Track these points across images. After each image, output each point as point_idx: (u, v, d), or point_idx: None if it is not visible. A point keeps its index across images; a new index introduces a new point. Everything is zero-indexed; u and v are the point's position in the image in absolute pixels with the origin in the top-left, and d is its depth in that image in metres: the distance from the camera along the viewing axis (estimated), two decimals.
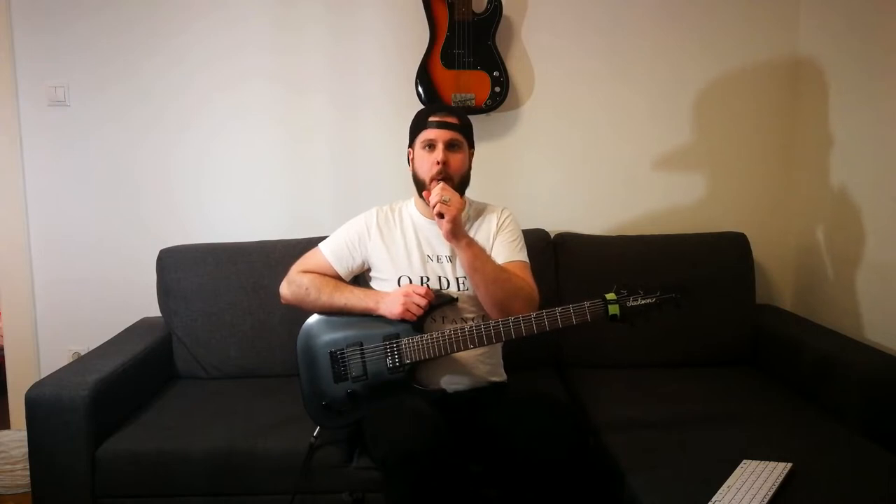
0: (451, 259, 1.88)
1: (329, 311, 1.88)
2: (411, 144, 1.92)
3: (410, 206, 1.98)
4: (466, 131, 1.89)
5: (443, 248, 1.90)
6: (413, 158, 1.90)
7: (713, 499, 1.42)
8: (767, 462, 1.55)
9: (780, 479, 1.48)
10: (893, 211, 2.11)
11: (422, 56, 2.47)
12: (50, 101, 2.57)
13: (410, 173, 1.92)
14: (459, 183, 1.85)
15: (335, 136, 2.62)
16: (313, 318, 1.91)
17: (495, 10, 2.45)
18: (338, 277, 1.94)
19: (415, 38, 2.50)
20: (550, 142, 2.62)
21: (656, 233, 2.49)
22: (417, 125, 1.89)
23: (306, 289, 1.89)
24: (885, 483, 1.54)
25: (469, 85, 2.46)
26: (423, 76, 2.47)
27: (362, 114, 2.61)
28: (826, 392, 1.99)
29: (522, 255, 1.92)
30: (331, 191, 2.64)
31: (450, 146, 1.83)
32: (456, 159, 1.84)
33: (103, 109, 2.59)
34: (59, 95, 2.57)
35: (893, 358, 1.97)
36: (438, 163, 1.81)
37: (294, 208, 2.64)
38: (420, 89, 2.48)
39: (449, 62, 2.45)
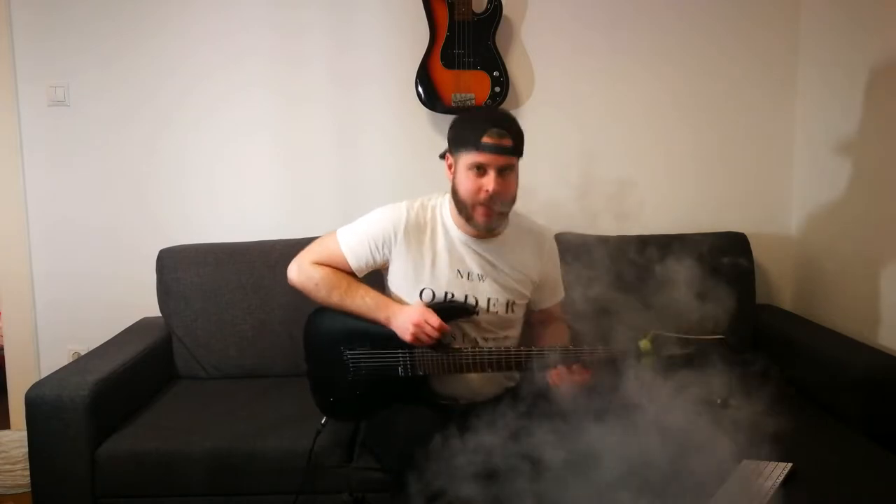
0: (482, 278, 1.77)
1: (337, 311, 1.78)
2: (453, 152, 1.73)
3: (445, 212, 1.80)
4: (520, 148, 1.71)
5: (474, 265, 1.78)
6: (454, 170, 1.73)
7: (713, 499, 1.42)
8: (767, 462, 1.55)
9: (780, 479, 1.48)
10: (893, 211, 2.11)
11: (421, 56, 2.47)
12: (50, 102, 2.57)
13: (449, 182, 1.76)
14: (509, 205, 1.72)
15: (335, 135, 2.62)
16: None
17: (495, 10, 2.45)
18: (351, 273, 1.80)
19: (414, 37, 2.50)
20: (550, 141, 2.62)
21: (656, 233, 2.48)
22: (465, 140, 1.68)
23: (316, 284, 1.77)
24: (885, 483, 1.54)
25: (469, 85, 2.46)
26: (423, 76, 2.47)
27: (362, 113, 2.60)
28: (826, 392, 1.99)
29: (562, 291, 1.92)
30: (331, 190, 2.63)
31: (501, 171, 1.66)
32: (507, 185, 1.68)
33: (103, 109, 2.59)
34: (59, 95, 2.57)
35: (893, 358, 1.97)
36: (487, 191, 1.65)
37: (294, 208, 2.64)
38: (420, 89, 2.47)
39: (449, 62, 2.45)
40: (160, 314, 2.44)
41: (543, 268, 1.86)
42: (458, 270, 1.77)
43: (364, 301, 1.74)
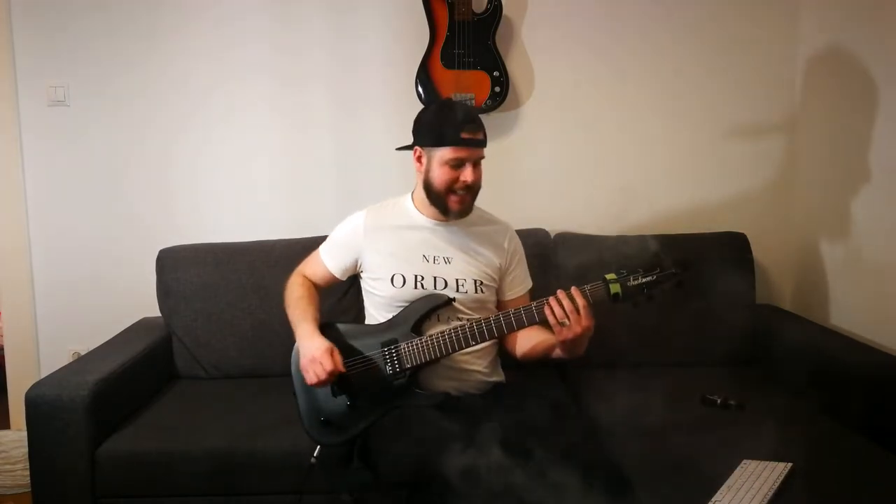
0: (448, 261, 1.86)
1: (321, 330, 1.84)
2: (423, 144, 1.81)
3: (407, 203, 1.93)
4: (486, 140, 1.81)
5: (442, 248, 1.87)
6: (427, 163, 1.80)
7: (713, 499, 1.42)
8: (767, 462, 1.55)
9: (780, 479, 1.48)
10: (893, 211, 2.11)
11: (421, 56, 2.47)
12: (50, 101, 2.57)
13: (420, 174, 1.84)
14: (478, 191, 1.83)
15: (335, 135, 2.62)
16: None
17: (495, 10, 2.45)
18: (333, 278, 1.96)
19: (415, 38, 2.50)
20: (550, 142, 2.63)
21: (656, 233, 2.48)
22: (442, 136, 1.75)
23: (287, 290, 1.95)
24: (885, 483, 1.54)
25: (469, 85, 2.46)
26: (423, 76, 2.47)
27: (362, 114, 2.61)
28: (826, 392, 1.99)
29: (529, 281, 2.02)
30: (331, 190, 2.64)
31: (476, 162, 1.78)
32: (479, 174, 1.81)
33: (103, 109, 2.59)
34: (59, 95, 2.57)
35: (893, 358, 1.97)
36: (466, 182, 1.76)
37: (294, 208, 2.64)
38: (420, 89, 2.47)
39: (449, 62, 2.45)
40: (160, 314, 2.44)
41: (507, 253, 1.95)
42: (424, 255, 1.86)
43: (294, 314, 1.86)
